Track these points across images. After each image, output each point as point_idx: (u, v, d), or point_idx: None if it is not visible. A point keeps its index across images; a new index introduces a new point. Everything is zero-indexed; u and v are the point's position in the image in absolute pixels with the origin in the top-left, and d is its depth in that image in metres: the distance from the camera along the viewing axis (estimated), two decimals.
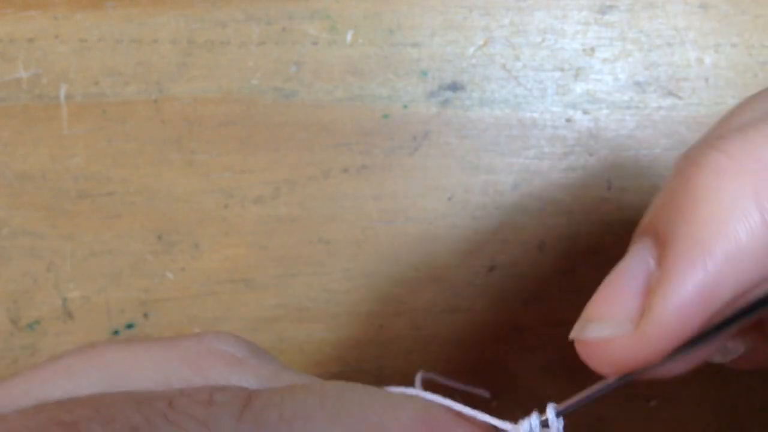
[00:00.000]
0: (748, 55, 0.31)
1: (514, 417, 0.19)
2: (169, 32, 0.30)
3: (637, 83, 0.31)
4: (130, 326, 0.30)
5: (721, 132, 0.18)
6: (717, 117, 0.31)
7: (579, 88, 0.31)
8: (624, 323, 0.17)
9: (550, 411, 0.18)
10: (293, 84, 0.30)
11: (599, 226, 0.31)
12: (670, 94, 0.31)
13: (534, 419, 0.18)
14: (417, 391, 0.18)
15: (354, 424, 0.16)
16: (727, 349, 0.19)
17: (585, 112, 0.31)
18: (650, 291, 0.17)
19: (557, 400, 0.19)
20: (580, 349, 0.17)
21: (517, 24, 0.31)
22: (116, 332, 0.30)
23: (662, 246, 0.17)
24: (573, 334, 0.17)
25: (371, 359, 0.31)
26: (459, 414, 0.18)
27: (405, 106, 0.31)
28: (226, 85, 0.30)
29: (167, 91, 0.30)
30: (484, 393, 0.19)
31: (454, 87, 0.31)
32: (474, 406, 0.19)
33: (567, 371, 0.31)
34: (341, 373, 0.31)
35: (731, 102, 0.31)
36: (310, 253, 0.30)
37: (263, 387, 0.18)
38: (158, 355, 0.18)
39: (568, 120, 0.31)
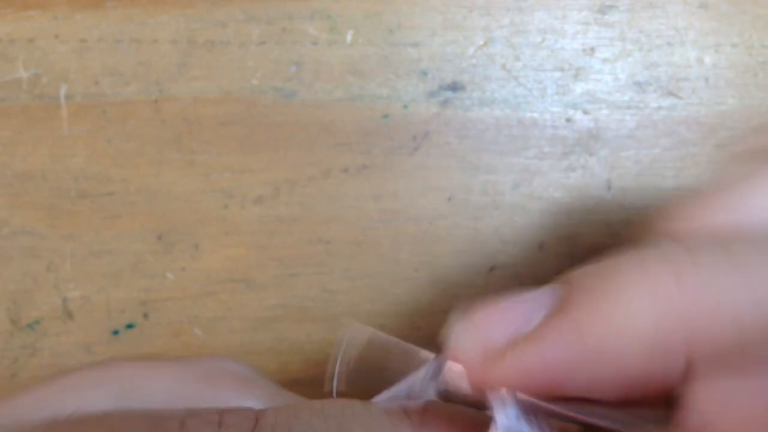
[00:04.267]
0: (748, 55, 0.31)
1: None
2: (169, 32, 0.30)
3: (637, 83, 0.31)
4: (130, 326, 0.30)
5: (684, 237, 0.17)
6: (717, 117, 0.31)
7: (579, 88, 0.31)
8: (481, 349, 0.16)
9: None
10: (293, 84, 0.30)
11: (599, 226, 0.31)
12: (670, 94, 0.31)
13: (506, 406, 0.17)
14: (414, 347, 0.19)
15: None
16: None
17: (585, 112, 0.31)
18: (516, 339, 0.16)
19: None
20: (449, 333, 0.17)
21: (517, 24, 0.31)
22: (116, 332, 0.30)
23: (559, 305, 0.16)
24: (454, 322, 0.17)
25: None
26: (456, 415, 0.18)
27: (405, 106, 0.31)
28: (226, 85, 0.30)
29: (167, 91, 0.30)
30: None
31: (454, 87, 0.31)
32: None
33: None
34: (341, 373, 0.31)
35: (731, 102, 0.31)
36: (310, 253, 0.30)
37: (267, 405, 0.18)
38: (171, 373, 0.18)
39: (568, 120, 0.31)
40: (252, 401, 0.18)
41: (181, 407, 0.17)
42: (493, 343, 0.16)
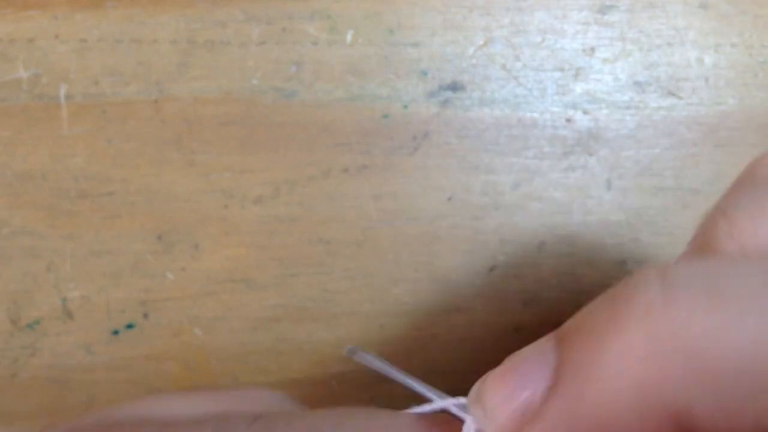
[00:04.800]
0: (748, 55, 0.31)
1: None
2: (169, 32, 0.30)
3: (637, 83, 0.31)
4: (130, 326, 0.30)
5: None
6: (717, 117, 0.31)
7: (579, 88, 0.31)
8: (500, 429, 0.17)
9: None
10: (293, 84, 0.30)
11: (599, 226, 0.31)
12: (670, 94, 0.31)
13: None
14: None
15: None
16: None
17: (585, 112, 0.31)
18: (530, 413, 0.16)
19: None
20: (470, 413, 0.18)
21: (517, 24, 0.31)
22: (116, 332, 0.30)
23: (558, 367, 0.16)
24: (470, 398, 0.18)
25: None
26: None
27: (405, 106, 0.31)
28: (226, 85, 0.30)
29: (167, 91, 0.30)
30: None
31: (454, 87, 0.31)
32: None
33: None
34: (341, 373, 0.31)
35: (731, 102, 0.31)
36: (310, 253, 0.30)
37: None
38: (194, 400, 0.20)
39: (568, 120, 0.31)
40: None
41: None
42: (511, 417, 0.17)
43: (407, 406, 0.19)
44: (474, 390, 0.18)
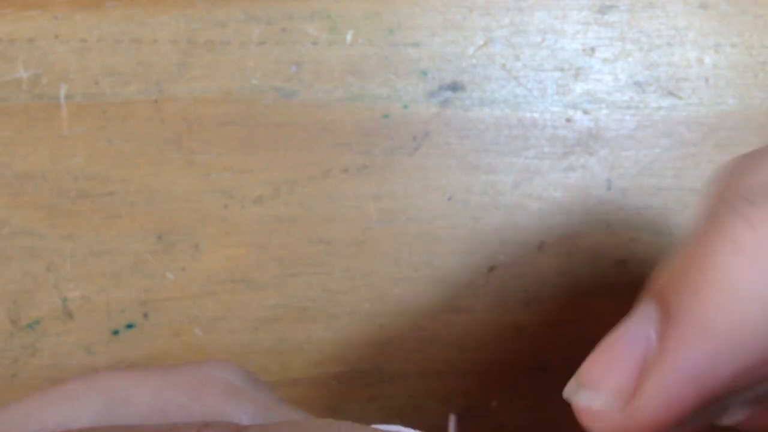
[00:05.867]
0: (748, 55, 0.31)
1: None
2: (169, 32, 0.30)
3: (637, 83, 0.31)
4: (130, 326, 0.30)
5: (747, 190, 0.17)
6: (717, 117, 0.31)
7: (579, 88, 0.31)
8: (615, 398, 0.16)
9: None
10: (293, 84, 0.30)
11: (599, 226, 0.31)
12: (670, 94, 0.31)
13: None
14: (400, 428, 0.18)
15: None
16: (727, 415, 0.18)
17: (585, 112, 0.31)
18: (645, 369, 0.16)
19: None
20: (574, 409, 0.17)
21: (517, 24, 0.31)
22: (116, 332, 0.30)
23: (666, 318, 0.16)
24: (567, 394, 0.17)
25: (371, 359, 0.31)
26: None
27: (405, 106, 0.31)
28: (226, 85, 0.30)
29: (167, 91, 0.30)
30: None
31: (454, 87, 0.31)
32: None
33: (567, 372, 0.31)
34: (341, 373, 0.31)
35: (731, 102, 0.31)
36: (310, 253, 0.30)
37: (257, 418, 0.18)
38: (157, 383, 0.18)
39: (568, 120, 0.31)
40: (240, 413, 0.18)
41: (166, 420, 0.17)
42: (624, 384, 0.16)
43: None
44: (570, 384, 0.17)
